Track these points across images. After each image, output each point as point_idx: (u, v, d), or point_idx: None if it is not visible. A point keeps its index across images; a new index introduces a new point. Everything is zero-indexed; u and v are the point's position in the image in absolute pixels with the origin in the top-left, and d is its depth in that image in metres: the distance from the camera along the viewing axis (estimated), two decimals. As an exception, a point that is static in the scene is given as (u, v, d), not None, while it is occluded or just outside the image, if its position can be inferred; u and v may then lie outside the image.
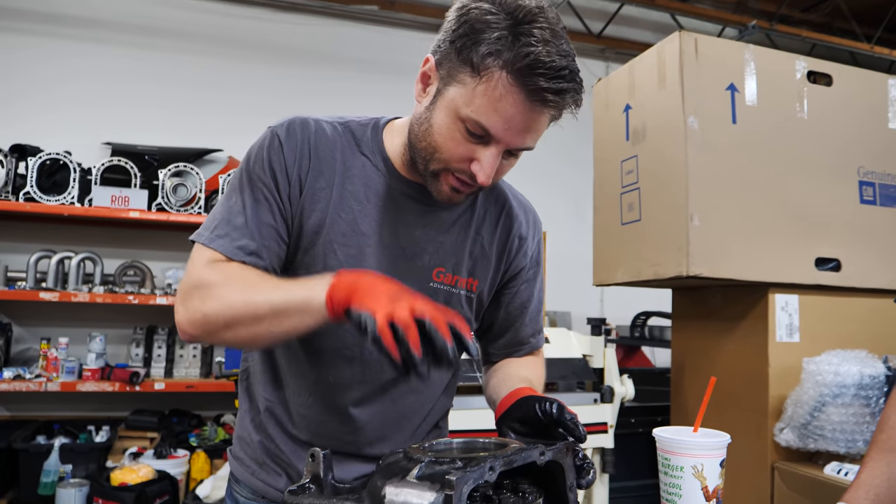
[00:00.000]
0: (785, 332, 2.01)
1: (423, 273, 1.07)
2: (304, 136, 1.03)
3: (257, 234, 0.99)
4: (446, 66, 0.94)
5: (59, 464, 3.31)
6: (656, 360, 4.31)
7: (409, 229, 1.06)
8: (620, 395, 2.26)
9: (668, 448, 1.03)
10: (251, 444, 1.13)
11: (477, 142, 0.93)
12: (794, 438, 1.88)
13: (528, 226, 1.18)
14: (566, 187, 4.36)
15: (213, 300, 0.92)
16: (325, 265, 1.02)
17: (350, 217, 1.03)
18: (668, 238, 1.95)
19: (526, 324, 1.22)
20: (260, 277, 0.96)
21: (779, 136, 2.01)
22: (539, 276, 1.23)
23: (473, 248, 1.11)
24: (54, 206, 3.49)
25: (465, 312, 1.12)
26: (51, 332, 3.76)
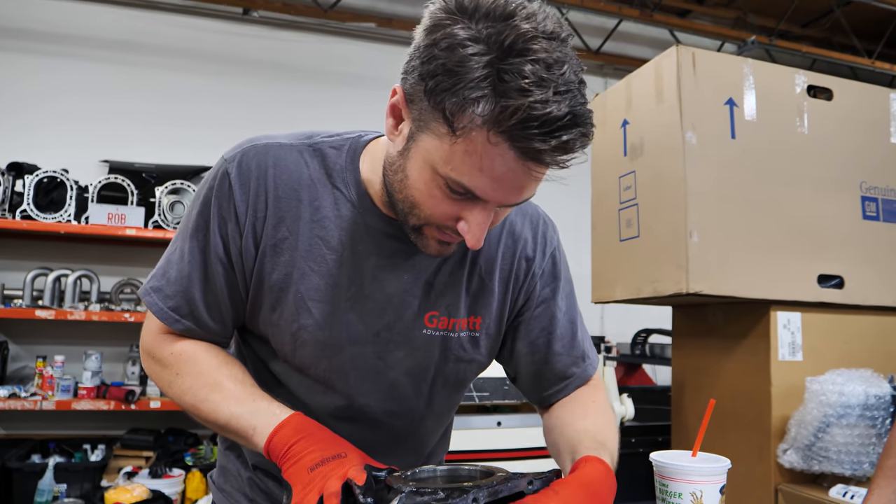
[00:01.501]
0: (787, 350, 1.97)
1: (413, 321, 0.92)
2: (259, 174, 0.86)
3: (194, 293, 0.89)
4: (418, 107, 0.74)
5: (54, 483, 3.27)
6: (658, 378, 4.26)
7: (395, 274, 0.90)
8: (620, 414, 2.22)
9: (665, 473, 0.99)
10: (238, 477, 1.04)
11: (462, 199, 0.76)
12: (797, 460, 1.84)
13: (535, 243, 1.00)
14: (563, 204, 4.34)
15: (173, 389, 0.89)
16: (300, 325, 0.88)
17: (323, 269, 0.88)
18: (667, 255, 1.92)
19: (558, 352, 1.01)
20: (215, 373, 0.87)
21: (779, 152, 1.98)
22: (562, 293, 1.02)
23: (470, 284, 0.95)
24: (51, 224, 3.47)
25: (470, 356, 0.97)
26: (47, 349, 3.73)
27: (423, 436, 1.04)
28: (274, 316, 0.89)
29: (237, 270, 0.89)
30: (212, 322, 0.91)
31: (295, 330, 0.88)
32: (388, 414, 0.96)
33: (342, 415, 0.94)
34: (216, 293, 0.89)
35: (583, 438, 0.90)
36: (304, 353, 0.90)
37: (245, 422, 0.81)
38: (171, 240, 0.94)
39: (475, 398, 2.11)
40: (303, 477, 0.72)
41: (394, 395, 0.95)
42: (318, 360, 0.90)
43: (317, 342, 0.89)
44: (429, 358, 0.95)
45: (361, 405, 0.94)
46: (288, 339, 0.89)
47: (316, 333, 0.88)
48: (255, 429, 0.80)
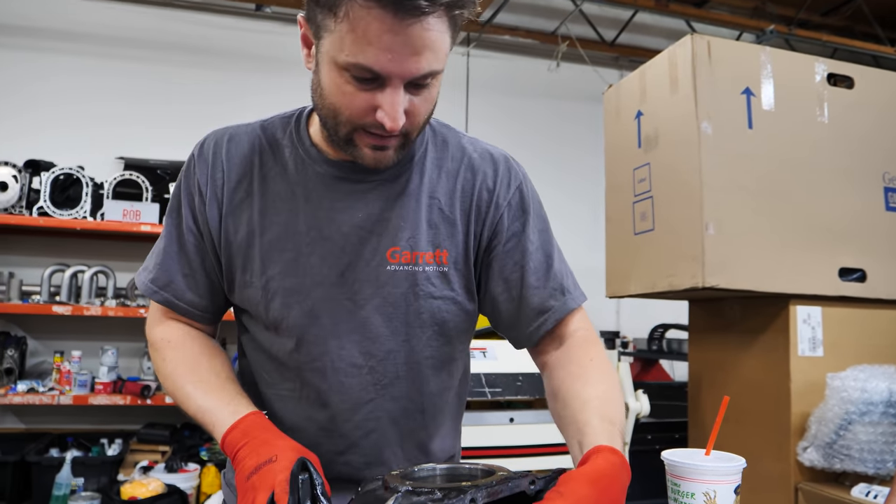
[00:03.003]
0: (807, 345, 1.93)
1: (375, 258, 0.94)
2: (216, 150, 0.97)
3: (172, 266, 0.98)
4: (312, 21, 0.83)
5: (72, 477, 3.30)
6: (675, 374, 4.21)
7: (350, 214, 0.94)
8: (635, 410, 2.19)
9: (677, 473, 0.96)
10: None
11: (371, 88, 0.80)
12: (818, 458, 1.80)
13: (496, 175, 1.00)
14: (580, 197, 4.30)
15: (160, 373, 0.97)
16: (268, 277, 0.93)
17: (281, 219, 0.94)
18: (683, 248, 1.89)
19: (533, 285, 0.98)
20: (194, 363, 0.95)
21: (798, 142, 1.94)
22: (532, 227, 1.01)
23: (431, 216, 0.96)
24: (67, 221, 3.50)
25: (442, 292, 0.96)
26: (64, 345, 3.77)
27: (419, 403, 1.00)
28: (246, 276, 0.95)
29: (206, 238, 0.96)
30: (189, 292, 0.98)
31: (264, 283, 0.93)
32: (367, 356, 0.95)
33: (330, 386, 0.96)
34: (191, 263, 0.97)
35: (590, 418, 0.86)
36: (276, 305, 0.94)
37: (208, 417, 0.87)
38: None
39: (487, 394, 2.08)
40: (242, 487, 0.77)
41: (368, 334, 0.95)
42: (289, 308, 0.93)
43: (285, 290, 0.93)
44: (397, 294, 0.95)
45: (342, 355, 0.95)
46: (260, 296, 0.94)
47: (283, 281, 0.93)
48: (214, 426, 0.85)
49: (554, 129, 4.87)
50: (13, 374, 3.62)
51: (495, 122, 4.66)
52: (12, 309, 3.55)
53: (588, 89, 4.76)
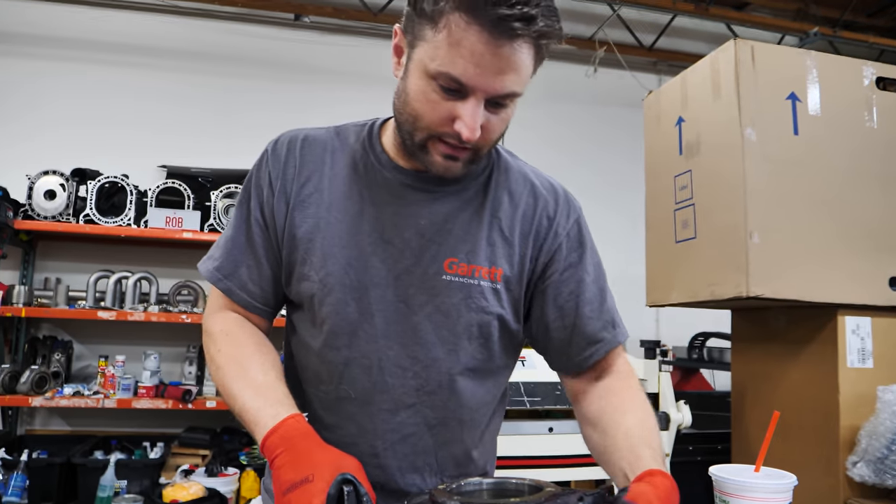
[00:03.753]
0: (857, 357, 1.87)
1: (433, 266, 0.98)
2: (290, 146, 1.02)
3: (238, 256, 1.01)
4: (410, 30, 0.89)
5: (115, 479, 3.38)
6: (716, 384, 4.12)
7: (413, 220, 0.98)
8: (676, 422, 2.14)
9: (726, 489, 0.94)
10: None
11: (454, 98, 0.86)
12: (869, 473, 1.74)
13: (556, 204, 1.05)
14: (618, 205, 4.25)
15: (212, 365, 0.98)
16: (327, 271, 0.97)
17: (346, 218, 0.98)
18: (726, 257, 1.85)
19: (587, 315, 1.03)
20: (246, 359, 0.95)
21: (845, 148, 1.88)
22: (589, 260, 1.06)
23: (491, 234, 1.00)
24: (112, 228, 3.59)
25: (493, 308, 1.00)
26: (108, 349, 3.87)
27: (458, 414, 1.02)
28: (305, 268, 0.98)
29: (271, 231, 1.00)
30: (250, 283, 1.01)
31: (323, 276, 0.96)
32: (414, 360, 0.98)
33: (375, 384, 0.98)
34: (255, 254, 1.01)
35: (638, 445, 0.90)
36: (332, 300, 0.97)
37: (251, 416, 0.87)
38: None
39: (526, 403, 2.07)
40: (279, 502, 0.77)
41: (417, 339, 0.98)
42: (344, 304, 0.97)
43: (343, 286, 0.96)
44: (450, 304, 0.98)
45: (390, 356, 0.97)
46: (318, 288, 0.97)
47: (342, 277, 0.96)
48: (256, 426, 0.85)
49: (592, 135, 4.83)
50: (60, 377, 3.73)
51: (533, 127, 4.63)
52: (59, 314, 3.65)
53: (626, 94, 4.71)
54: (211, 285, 1.04)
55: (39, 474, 3.35)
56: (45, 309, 3.65)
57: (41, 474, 3.35)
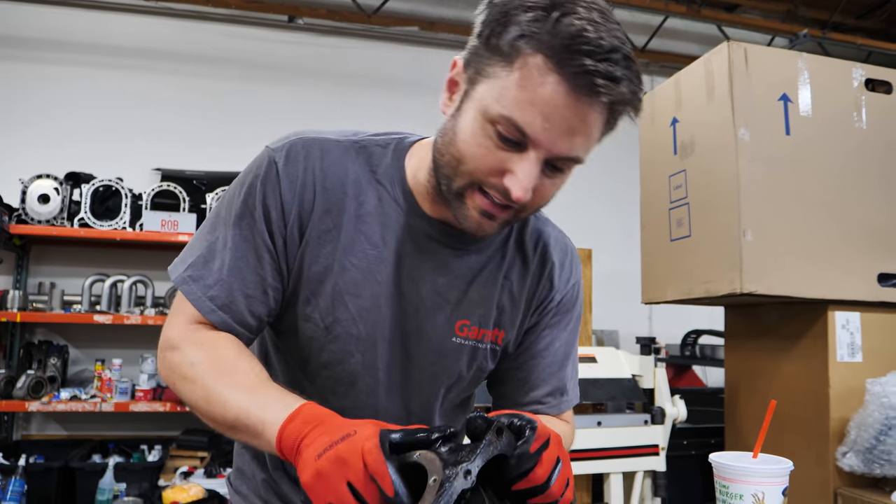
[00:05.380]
0: (846, 351, 1.92)
1: (445, 327, 0.93)
2: (307, 165, 0.87)
3: (236, 284, 0.85)
4: (474, 65, 0.78)
5: (114, 482, 3.38)
6: (708, 380, 4.18)
7: (431, 277, 0.91)
8: (672, 416, 2.19)
9: (726, 475, 0.98)
10: (253, 479, 1.02)
11: (510, 149, 0.76)
12: (858, 463, 1.78)
13: (561, 269, 1.01)
14: (612, 204, 4.29)
15: (185, 382, 0.82)
16: (335, 318, 0.88)
17: (363, 264, 0.88)
18: (720, 254, 1.89)
19: (541, 377, 1.01)
20: (232, 365, 0.81)
21: (836, 148, 1.93)
22: (566, 325, 1.03)
23: (501, 297, 0.96)
24: (107, 232, 3.59)
25: (489, 367, 1.00)
26: (105, 353, 3.86)
27: None
28: (308, 308, 0.88)
29: (281, 259, 0.87)
30: (249, 316, 0.87)
31: (329, 323, 0.88)
32: (408, 411, 0.97)
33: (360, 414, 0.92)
34: (260, 284, 0.86)
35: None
36: (336, 348, 0.90)
37: (254, 416, 0.74)
38: (205, 226, 0.90)
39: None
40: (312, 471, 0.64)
41: (416, 394, 0.96)
42: (349, 355, 0.90)
43: (350, 336, 0.89)
44: (456, 367, 0.96)
45: (388, 408, 0.94)
46: (321, 333, 0.89)
47: (350, 328, 0.89)
48: (264, 424, 0.72)
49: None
50: (56, 381, 3.71)
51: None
52: (54, 318, 3.64)
53: (616, 95, 4.75)
54: (179, 293, 0.88)
55: (37, 479, 3.34)
56: (40, 313, 3.64)
57: (39, 479, 3.34)
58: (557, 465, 0.67)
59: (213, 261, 0.86)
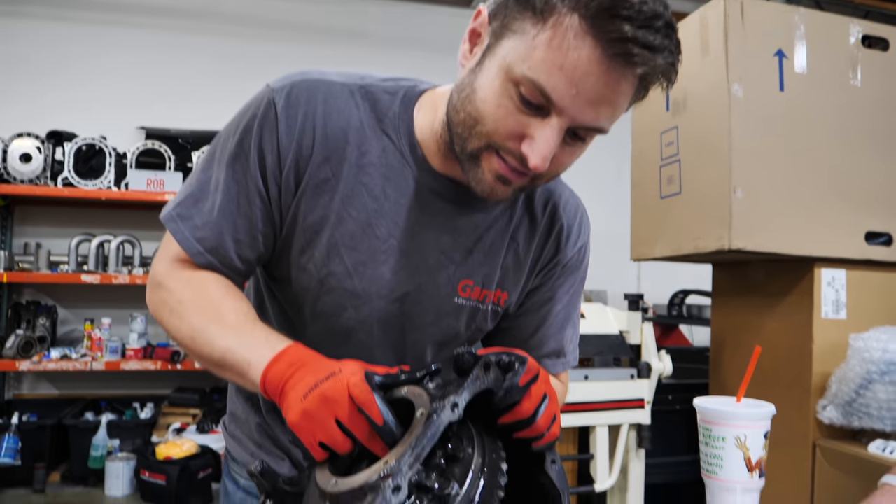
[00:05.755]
0: (831, 308, 1.95)
1: (447, 287, 0.90)
2: (308, 108, 0.82)
3: (225, 227, 0.83)
4: (501, 17, 0.72)
5: (107, 439, 3.42)
6: (694, 340, 4.25)
7: (435, 235, 0.87)
8: (658, 371, 2.23)
9: (709, 418, 1.01)
10: (247, 423, 1.01)
11: (532, 113, 0.71)
12: (837, 416, 1.83)
13: (568, 231, 0.96)
14: (602, 162, 4.28)
15: (172, 318, 0.82)
16: (329, 271, 0.85)
17: (363, 216, 0.84)
18: (710, 211, 1.90)
19: (538, 338, 0.99)
20: (219, 303, 0.80)
21: (829, 105, 1.93)
22: (570, 287, 1.00)
23: (506, 258, 0.93)
24: (92, 191, 3.55)
25: (488, 327, 0.97)
26: (94, 313, 3.85)
27: None
28: (303, 259, 0.86)
29: (274, 206, 0.84)
30: (237, 260, 0.85)
31: (324, 276, 0.85)
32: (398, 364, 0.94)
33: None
34: (249, 229, 0.84)
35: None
36: (329, 301, 0.87)
37: (240, 355, 0.73)
38: (200, 163, 0.87)
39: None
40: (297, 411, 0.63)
41: (413, 352, 0.94)
42: (342, 308, 0.88)
43: (344, 291, 0.86)
44: (455, 327, 0.93)
45: (381, 362, 0.90)
46: (314, 284, 0.86)
47: (345, 282, 0.86)
48: (249, 364, 0.72)
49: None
50: (46, 341, 3.72)
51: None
52: (41, 279, 3.63)
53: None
54: (167, 232, 0.85)
55: (31, 436, 3.37)
56: (26, 274, 3.62)
57: (33, 436, 3.37)
58: (544, 401, 0.66)
59: (203, 201, 0.84)
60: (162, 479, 3.08)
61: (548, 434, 0.67)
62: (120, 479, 3.26)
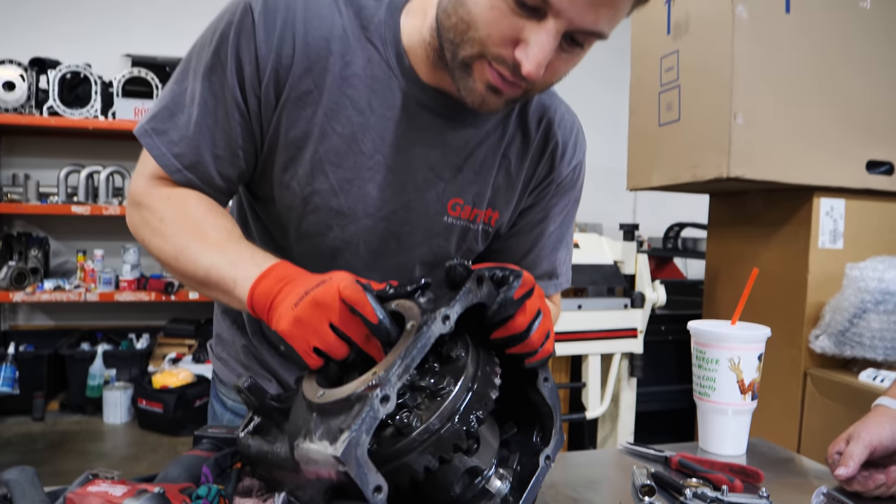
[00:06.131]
0: (828, 238, 1.93)
1: (436, 205, 0.86)
2: (287, 15, 0.76)
3: (204, 143, 0.79)
4: None
5: (104, 369, 3.46)
6: (688, 273, 4.26)
7: (424, 150, 0.83)
8: (651, 301, 2.23)
9: (703, 341, 1.00)
10: (233, 344, 1.00)
11: (528, 15, 0.66)
12: (829, 345, 1.84)
13: (563, 149, 0.92)
14: (599, 92, 4.19)
15: (155, 237, 0.79)
16: (314, 189, 0.81)
17: (347, 131, 0.80)
18: (709, 138, 1.86)
19: (531, 259, 0.96)
20: (201, 221, 0.77)
21: (836, 30, 1.86)
22: (563, 208, 0.96)
23: (498, 175, 0.89)
24: (79, 121, 3.47)
25: (478, 249, 0.94)
26: (86, 245, 3.84)
27: None
28: (286, 176, 0.82)
29: (254, 119, 0.80)
30: (218, 177, 0.81)
31: (307, 194, 0.82)
32: None
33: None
34: (228, 144, 0.80)
35: None
36: (314, 220, 0.84)
37: (225, 272, 0.71)
38: (175, 75, 0.82)
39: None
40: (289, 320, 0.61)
41: (399, 273, 0.89)
42: (328, 228, 0.85)
43: (329, 209, 0.83)
44: (445, 248, 0.90)
45: None
46: (298, 203, 0.83)
47: (329, 200, 0.83)
48: (235, 281, 0.69)
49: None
50: (39, 273, 3.71)
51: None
52: (32, 210, 3.59)
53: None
54: (144, 149, 0.81)
55: (28, 366, 3.41)
56: (16, 205, 3.58)
57: (30, 366, 3.41)
58: (538, 316, 0.64)
59: (179, 114, 0.79)
60: (159, 407, 3.13)
61: (541, 350, 0.65)
62: (118, 407, 3.32)
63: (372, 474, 0.51)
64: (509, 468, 0.64)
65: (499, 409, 0.63)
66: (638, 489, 0.79)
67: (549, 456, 0.65)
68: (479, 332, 0.64)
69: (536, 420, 0.67)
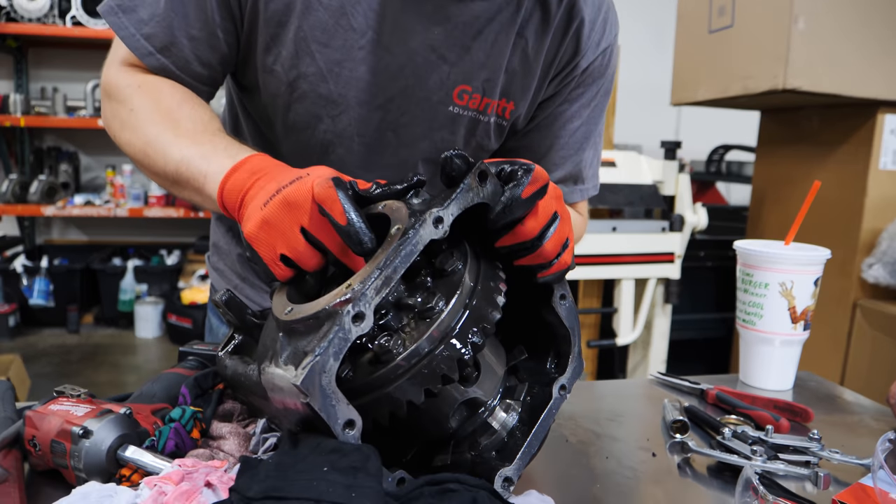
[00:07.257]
0: (891, 158, 1.78)
1: (439, 92, 0.75)
2: None
3: (177, 22, 0.69)
4: None
5: (135, 283, 3.51)
6: (731, 199, 4.07)
7: (424, 26, 0.72)
8: (691, 224, 2.10)
9: (752, 262, 0.89)
10: (229, 254, 0.93)
11: None
12: (884, 275, 1.72)
13: (591, 27, 0.79)
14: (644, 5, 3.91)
15: (124, 130, 0.70)
16: (299, 73, 0.72)
17: (334, 3, 0.69)
18: (765, 45, 1.69)
19: (553, 161, 0.84)
20: (175, 110, 0.68)
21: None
22: (592, 104, 0.84)
23: (513, 59, 0.76)
24: (103, 31, 3.38)
25: (492, 146, 0.82)
26: (115, 160, 3.82)
27: None
28: (269, 59, 0.72)
29: None
30: (195, 62, 0.72)
31: (293, 78, 0.72)
32: None
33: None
34: (205, 22, 0.70)
35: None
36: (302, 109, 0.75)
37: (195, 166, 0.62)
38: None
39: (591, 203, 2.04)
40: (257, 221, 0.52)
41: (400, 172, 0.78)
42: (317, 118, 0.75)
43: (318, 96, 0.73)
44: (451, 142, 0.79)
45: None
46: (284, 90, 0.74)
47: (317, 86, 0.73)
48: (206, 175, 0.61)
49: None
50: (69, 187, 3.73)
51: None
52: (60, 123, 3.57)
53: None
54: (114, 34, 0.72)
55: (62, 280, 3.47)
56: (44, 118, 3.55)
57: (63, 280, 3.47)
58: (554, 221, 0.53)
59: None
60: (188, 322, 3.17)
61: (557, 262, 0.54)
62: (149, 322, 3.38)
63: (342, 406, 0.43)
64: (517, 399, 0.55)
65: (508, 332, 0.54)
66: (669, 425, 0.71)
67: (564, 385, 0.55)
68: (484, 240, 0.53)
69: (552, 344, 0.57)
